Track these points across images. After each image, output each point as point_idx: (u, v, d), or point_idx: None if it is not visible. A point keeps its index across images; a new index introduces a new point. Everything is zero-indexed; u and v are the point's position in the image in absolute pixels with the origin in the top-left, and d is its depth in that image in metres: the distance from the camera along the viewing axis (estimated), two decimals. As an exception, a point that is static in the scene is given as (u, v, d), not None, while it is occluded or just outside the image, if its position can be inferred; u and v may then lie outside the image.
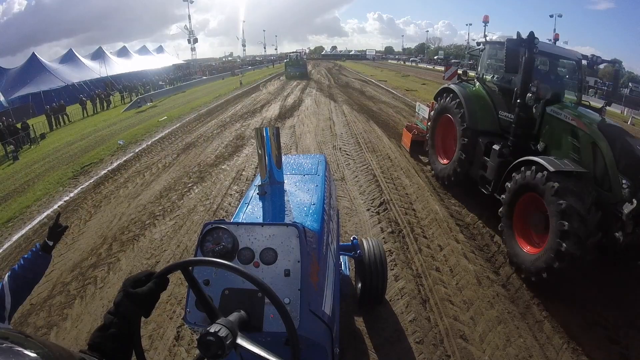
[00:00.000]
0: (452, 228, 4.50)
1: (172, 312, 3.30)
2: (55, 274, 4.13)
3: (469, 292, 3.43)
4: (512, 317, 3.19)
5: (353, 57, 75.88)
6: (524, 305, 3.32)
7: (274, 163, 1.84)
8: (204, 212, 5.12)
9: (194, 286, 0.95)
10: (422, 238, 4.25)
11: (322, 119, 11.35)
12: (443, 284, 3.50)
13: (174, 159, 7.98)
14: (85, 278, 3.98)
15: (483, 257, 3.95)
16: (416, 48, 75.73)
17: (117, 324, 0.86)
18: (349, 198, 5.36)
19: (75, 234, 5.04)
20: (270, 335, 1.18)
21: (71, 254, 4.52)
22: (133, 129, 12.11)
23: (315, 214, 1.67)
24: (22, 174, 9.13)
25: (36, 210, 6.08)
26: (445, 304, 3.27)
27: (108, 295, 3.66)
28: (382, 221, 4.64)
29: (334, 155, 7.56)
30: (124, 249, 4.42)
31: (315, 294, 1.36)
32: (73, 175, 7.68)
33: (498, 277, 3.67)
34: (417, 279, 3.55)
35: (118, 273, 3.99)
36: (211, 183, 6.33)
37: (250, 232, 1.32)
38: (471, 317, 3.16)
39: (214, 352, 0.81)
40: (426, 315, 3.13)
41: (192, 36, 43.43)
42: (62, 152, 10.67)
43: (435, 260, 3.84)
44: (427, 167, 6.68)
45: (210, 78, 35.31)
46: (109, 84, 27.79)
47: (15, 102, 22.54)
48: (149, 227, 4.86)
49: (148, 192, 6.16)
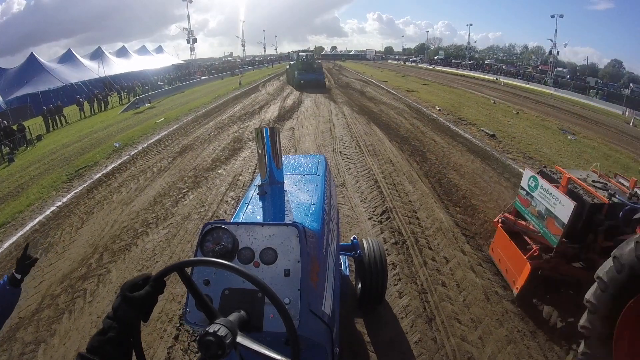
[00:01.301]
0: (458, 238, 4.32)
1: (163, 331, 3.12)
2: (45, 285, 3.97)
3: (476, 309, 3.25)
4: (522, 336, 3.01)
5: (353, 57, 75.71)
6: (534, 323, 3.15)
7: (274, 163, 1.85)
8: (198, 220, 4.94)
9: (190, 287, 0.95)
10: (427, 249, 4.07)
11: (322, 121, 11.17)
12: (450, 301, 3.31)
13: (169, 163, 7.79)
14: (75, 291, 3.81)
15: (491, 270, 3.77)
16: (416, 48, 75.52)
17: (116, 328, 0.86)
18: (350, 206, 5.17)
19: (67, 242, 4.87)
20: (271, 335, 1.18)
21: (61, 264, 4.35)
22: (130, 131, 11.92)
23: (315, 214, 1.67)
24: (16, 176, 8.96)
25: (28, 216, 5.90)
26: (452, 323, 3.08)
27: (97, 310, 3.49)
28: (384, 231, 4.45)
29: (334, 159, 7.38)
30: (115, 260, 4.24)
31: (315, 294, 1.36)
32: (67, 179, 7.50)
33: (507, 292, 3.48)
34: (422, 295, 3.36)
35: (108, 286, 3.82)
36: (206, 189, 6.14)
37: (250, 232, 1.32)
38: (479, 336, 2.98)
39: (214, 351, 0.81)
40: (432, 336, 2.95)
41: (191, 36, 43.17)
42: (58, 155, 10.49)
43: (441, 274, 3.65)
44: (431, 172, 6.50)
45: (210, 78, 35.10)
46: (107, 84, 27.58)
47: (13, 102, 22.36)
48: (141, 236, 4.67)
49: (142, 198, 5.98)
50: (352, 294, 3.22)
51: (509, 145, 8.79)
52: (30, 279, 4.07)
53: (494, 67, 46.79)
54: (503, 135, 9.67)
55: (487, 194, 5.71)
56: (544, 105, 18.27)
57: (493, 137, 9.44)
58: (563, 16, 38.40)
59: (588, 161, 8.12)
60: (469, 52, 55.53)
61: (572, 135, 10.69)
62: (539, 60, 50.90)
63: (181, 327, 3.13)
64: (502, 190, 5.87)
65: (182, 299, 3.43)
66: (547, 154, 8.22)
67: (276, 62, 57.55)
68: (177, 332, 3.10)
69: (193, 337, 3.05)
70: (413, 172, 6.52)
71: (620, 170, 7.87)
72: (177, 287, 3.57)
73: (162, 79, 32.53)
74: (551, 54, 39.90)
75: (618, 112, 20.62)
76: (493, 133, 9.74)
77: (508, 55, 61.24)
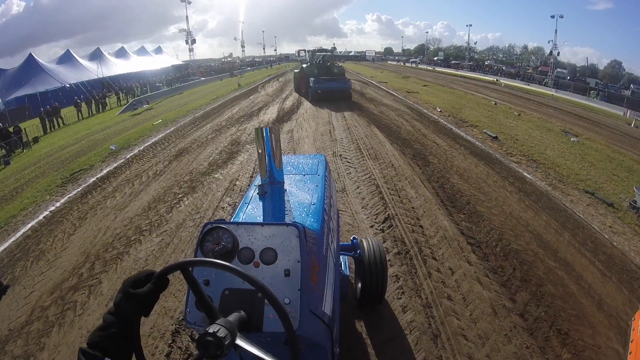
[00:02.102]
0: (464, 247, 4.16)
1: (155, 348, 2.96)
2: (35, 295, 3.82)
3: (484, 324, 3.10)
4: (531, 352, 2.87)
5: (352, 58, 75.61)
6: (543, 338, 3.00)
7: (274, 163, 1.84)
8: (193, 228, 4.78)
9: (193, 287, 0.95)
10: (431, 260, 3.91)
11: (322, 123, 11.02)
12: (456, 315, 3.16)
13: (165, 167, 7.63)
14: (65, 302, 3.67)
15: (498, 282, 3.62)
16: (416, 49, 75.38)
17: (117, 323, 0.86)
18: (350, 213, 5.02)
19: (58, 249, 4.72)
20: (270, 335, 1.18)
21: (52, 273, 4.20)
22: (126, 133, 11.76)
23: (315, 213, 1.67)
24: (12, 179, 8.83)
25: (21, 221, 5.76)
26: (458, 340, 2.93)
27: (87, 324, 3.34)
28: (387, 240, 4.29)
29: (334, 162, 7.23)
30: (107, 269, 4.09)
31: (315, 294, 1.36)
32: (61, 183, 7.35)
33: (515, 304, 3.34)
34: (426, 309, 3.20)
35: (99, 298, 3.67)
36: (202, 194, 5.98)
37: (250, 232, 1.32)
38: (487, 354, 2.82)
39: (213, 352, 0.81)
40: (438, 354, 2.79)
41: (190, 37, 43.01)
42: (54, 157, 10.35)
43: (447, 287, 3.49)
44: (434, 177, 6.35)
45: (209, 79, 34.94)
46: (106, 85, 27.43)
47: (11, 103, 22.22)
48: (134, 244, 4.51)
49: (136, 203, 5.82)
50: (352, 294, 3.16)
51: (512, 147, 8.65)
52: (21, 288, 3.95)
53: (494, 68, 46.70)
54: (505, 138, 9.52)
55: (492, 199, 5.56)
56: (545, 107, 18.15)
57: (496, 140, 9.30)
58: (563, 16, 38.30)
59: (592, 164, 7.99)
60: (468, 53, 55.45)
61: (574, 137, 10.56)
62: (539, 61, 50.82)
63: (173, 344, 2.97)
64: (507, 196, 5.73)
65: (176, 313, 3.28)
66: (551, 157, 8.08)
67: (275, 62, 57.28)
68: (170, 349, 2.94)
69: (186, 354, 2.90)
70: (415, 177, 6.37)
71: (624, 172, 7.74)
72: (170, 301, 3.42)
73: (160, 80, 32.35)
74: (551, 54, 39.77)
75: (619, 113, 20.52)
76: (496, 135, 9.60)
77: (508, 56, 61.16)
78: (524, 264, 3.94)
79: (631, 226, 5.09)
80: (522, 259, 4.02)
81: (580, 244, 4.48)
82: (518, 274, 3.76)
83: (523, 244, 4.34)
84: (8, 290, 1.46)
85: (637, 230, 4.99)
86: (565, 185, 6.48)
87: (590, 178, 6.93)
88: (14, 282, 4.09)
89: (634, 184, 6.53)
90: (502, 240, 4.39)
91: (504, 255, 4.08)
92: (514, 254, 4.11)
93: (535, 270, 3.84)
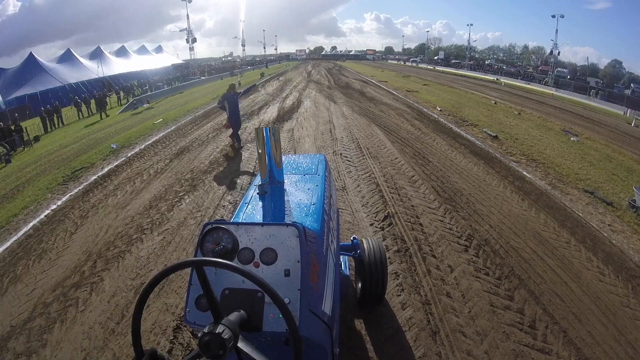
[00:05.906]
0: (463, 245, 4.18)
1: (157, 344, 2.99)
2: (37, 292, 3.85)
3: (482, 321, 3.12)
4: (530, 349, 2.89)
5: (353, 57, 75.56)
6: (541, 335, 3.02)
7: (274, 163, 1.84)
8: (194, 226, 4.80)
9: (204, 285, 0.97)
10: (430, 257, 3.94)
11: (322, 122, 11.04)
12: (454, 312, 3.18)
13: (166, 165, 7.66)
14: (67, 299, 3.69)
15: (496, 279, 3.64)
16: (416, 48, 75.33)
17: None
18: (350, 211, 5.04)
19: (60, 248, 4.74)
20: (270, 335, 1.19)
21: (54, 271, 4.23)
22: (127, 132, 11.78)
23: (315, 213, 1.67)
24: (13, 177, 8.87)
25: (23, 220, 5.78)
26: (457, 336, 2.96)
27: (89, 320, 3.37)
28: (387, 238, 4.32)
29: (335, 161, 7.25)
30: (109, 267, 4.11)
31: (315, 294, 1.36)
32: (63, 181, 7.37)
33: (513, 302, 3.36)
34: (425, 306, 3.23)
35: (101, 295, 3.70)
36: (203, 192, 6.01)
37: (250, 232, 1.31)
38: (485, 351, 2.85)
39: (215, 352, 0.82)
40: (437, 350, 2.82)
41: (190, 36, 42.92)
42: (55, 155, 10.38)
43: (446, 284, 3.52)
44: (433, 175, 6.37)
45: (209, 78, 34.94)
46: (106, 84, 27.43)
47: (12, 103, 22.25)
48: (136, 243, 4.54)
49: (137, 201, 5.84)
50: (352, 294, 3.18)
51: (512, 147, 8.66)
52: (23, 286, 3.98)
53: (494, 67, 46.67)
54: (505, 137, 9.53)
55: (491, 198, 5.58)
56: (545, 106, 18.15)
57: (495, 139, 9.31)
58: (564, 16, 38.28)
59: (592, 164, 8.00)
60: (469, 52, 55.41)
61: (574, 137, 10.57)
62: (539, 60, 50.78)
63: (175, 341, 3.00)
64: (507, 195, 5.75)
65: (177, 309, 3.31)
66: (551, 156, 8.10)
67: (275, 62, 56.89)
68: (171, 345, 2.97)
69: (187, 350, 2.93)
70: (415, 175, 6.39)
71: (624, 172, 7.76)
72: (171, 297, 3.45)
73: (161, 79, 32.36)
74: (552, 54, 39.75)
75: (619, 112, 20.53)
76: (496, 134, 9.61)
77: (508, 56, 61.12)
78: (522, 261, 3.97)
79: (630, 225, 5.11)
80: (521, 257, 4.05)
81: (579, 241, 4.50)
82: (517, 271, 3.79)
83: (522, 242, 4.36)
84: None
85: (636, 228, 5.01)
86: (565, 184, 6.50)
87: (590, 177, 6.95)
88: (16, 280, 4.11)
89: (633, 183, 6.55)
90: (501, 238, 4.42)
91: (503, 253, 4.11)
92: (512, 252, 4.13)
93: (534, 268, 3.87)
